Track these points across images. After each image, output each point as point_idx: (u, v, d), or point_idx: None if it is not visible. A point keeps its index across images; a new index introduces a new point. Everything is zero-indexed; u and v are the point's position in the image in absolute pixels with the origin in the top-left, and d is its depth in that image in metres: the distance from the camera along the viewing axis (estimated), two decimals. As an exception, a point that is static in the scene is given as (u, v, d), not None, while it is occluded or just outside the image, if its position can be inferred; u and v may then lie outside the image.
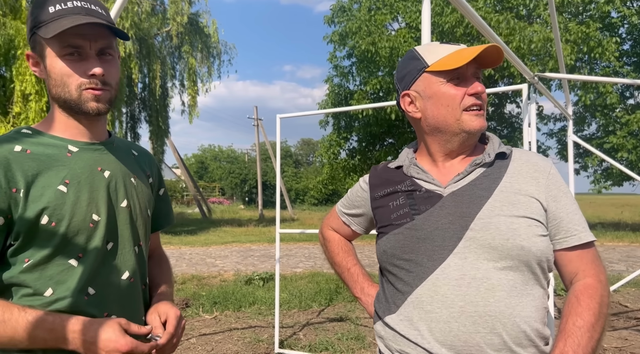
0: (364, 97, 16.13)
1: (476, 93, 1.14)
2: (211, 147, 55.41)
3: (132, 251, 1.20)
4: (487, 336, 1.04)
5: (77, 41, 1.07)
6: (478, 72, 1.17)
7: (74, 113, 1.13)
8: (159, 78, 16.25)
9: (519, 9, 15.14)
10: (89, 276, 1.09)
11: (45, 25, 1.06)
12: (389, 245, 1.19)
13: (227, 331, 5.05)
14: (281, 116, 4.41)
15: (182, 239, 14.71)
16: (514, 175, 1.14)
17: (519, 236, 1.06)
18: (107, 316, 1.12)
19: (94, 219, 1.11)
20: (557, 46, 4.00)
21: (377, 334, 1.25)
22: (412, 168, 1.23)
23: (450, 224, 1.11)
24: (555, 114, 19.72)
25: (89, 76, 1.09)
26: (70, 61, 1.08)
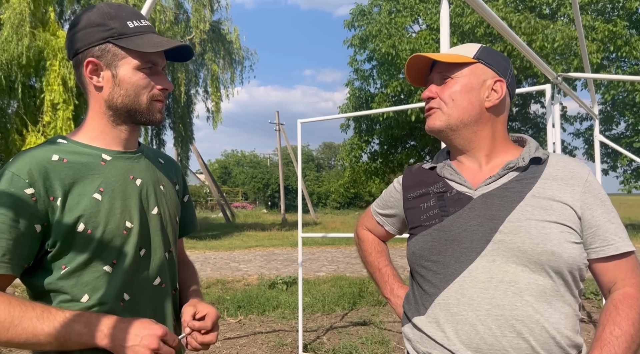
0: (385, 99, 16.09)
1: (422, 98, 1.26)
2: (234, 152, 56.03)
3: (163, 257, 1.23)
4: (513, 340, 1.03)
5: (157, 58, 1.16)
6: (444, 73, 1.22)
7: (125, 122, 1.19)
8: (183, 85, 16.52)
9: (542, 8, 14.91)
10: (123, 282, 1.12)
11: (127, 38, 1.12)
12: (418, 246, 1.19)
13: (251, 335, 5.10)
14: (302, 121, 4.45)
15: (207, 243, 14.88)
16: (549, 181, 1.12)
17: (550, 241, 1.04)
18: None
19: (127, 226, 1.14)
20: (582, 45, 3.94)
21: (405, 337, 1.25)
22: (445, 169, 1.24)
23: (479, 226, 1.10)
24: (581, 114, 19.31)
25: (161, 90, 1.18)
26: (147, 74, 1.16)
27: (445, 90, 1.19)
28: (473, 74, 1.19)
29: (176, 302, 1.30)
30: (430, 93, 1.21)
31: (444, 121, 1.19)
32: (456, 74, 1.19)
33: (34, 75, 12.42)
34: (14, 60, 11.24)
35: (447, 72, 1.20)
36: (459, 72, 1.19)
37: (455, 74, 1.19)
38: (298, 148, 4.56)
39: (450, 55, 1.20)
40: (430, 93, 1.21)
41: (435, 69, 1.23)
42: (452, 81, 1.19)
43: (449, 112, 1.18)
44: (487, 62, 1.19)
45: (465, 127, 1.19)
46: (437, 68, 1.23)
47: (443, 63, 1.21)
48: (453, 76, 1.19)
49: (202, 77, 18.32)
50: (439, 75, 1.22)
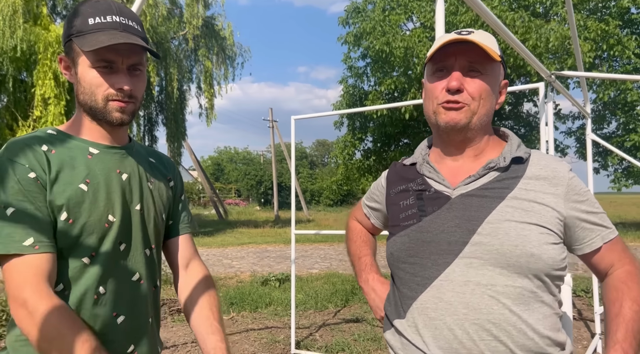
0: (379, 97, 16.09)
1: (449, 89, 1.09)
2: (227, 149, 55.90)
3: (143, 254, 1.23)
4: (491, 343, 1.02)
5: (111, 56, 1.12)
6: (475, 65, 1.10)
7: (97, 120, 1.18)
8: (176, 81, 16.43)
9: (536, 7, 14.96)
10: (100, 275, 1.12)
11: (82, 36, 1.11)
12: (395, 248, 1.17)
13: (244, 332, 5.09)
14: (295, 117, 4.43)
15: (199, 240, 14.84)
16: (530, 181, 1.10)
17: (529, 243, 1.02)
18: (116, 316, 1.16)
19: (109, 220, 1.15)
20: (575, 44, 3.95)
21: (387, 344, 1.23)
22: (424, 166, 1.21)
23: (456, 227, 1.08)
24: (573, 113, 19.43)
25: (117, 89, 1.14)
26: (102, 73, 1.13)
27: (477, 86, 1.10)
28: (496, 73, 1.15)
29: (157, 299, 1.30)
30: (459, 85, 1.09)
31: (469, 118, 1.11)
32: (487, 70, 1.11)
33: (25, 70, 12.30)
34: (5, 53, 11.12)
35: (478, 65, 1.10)
36: (489, 68, 1.12)
37: (486, 70, 1.11)
38: (292, 145, 4.55)
39: (493, 50, 1.08)
40: (460, 85, 1.09)
41: (464, 56, 1.09)
42: (482, 77, 1.10)
43: (476, 110, 1.10)
44: (503, 61, 1.15)
45: (480, 128, 1.14)
46: (467, 56, 1.09)
47: (477, 54, 1.09)
48: (484, 72, 1.11)
49: (196, 73, 18.24)
50: (468, 64, 1.10)
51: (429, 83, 1.17)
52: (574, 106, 4.46)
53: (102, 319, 1.13)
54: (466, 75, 1.10)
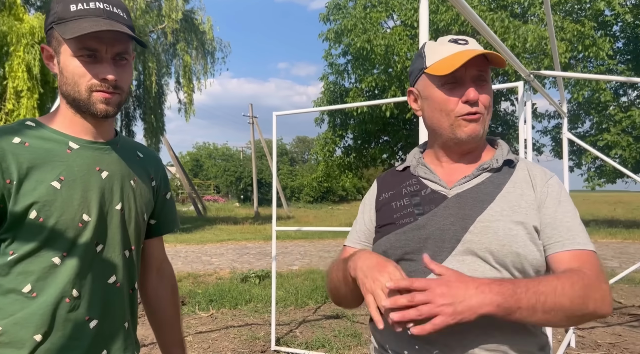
0: (359, 94, 16.13)
1: (468, 101, 1.11)
2: (206, 145, 55.32)
3: (121, 255, 1.18)
4: (480, 336, 1.04)
5: (94, 44, 1.07)
6: (483, 74, 1.13)
7: (80, 112, 1.13)
8: (155, 75, 16.19)
9: (514, 7, 15.18)
10: (72, 277, 1.08)
11: (64, 23, 1.06)
12: (390, 245, 1.17)
13: (223, 329, 5.05)
14: (277, 113, 4.41)
15: (178, 237, 14.68)
16: (517, 182, 1.15)
17: (515, 243, 1.06)
18: (89, 320, 1.11)
19: (83, 219, 1.10)
20: (552, 44, 4.02)
21: (372, 335, 1.24)
22: (419, 168, 1.23)
23: (451, 225, 1.11)
24: (549, 112, 19.84)
25: (101, 79, 1.09)
26: (85, 62, 1.08)
27: (487, 95, 1.13)
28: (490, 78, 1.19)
29: (133, 301, 1.26)
30: (477, 96, 1.10)
31: (483, 127, 1.15)
32: (489, 78, 1.15)
33: (-3, 61, 11.96)
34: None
35: (485, 74, 1.13)
36: (489, 75, 1.16)
37: (488, 78, 1.15)
38: (273, 141, 4.52)
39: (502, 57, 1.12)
40: (477, 96, 1.10)
41: (473, 67, 1.10)
42: (487, 85, 1.14)
43: (486, 119, 1.15)
44: None
45: (485, 134, 1.19)
46: (476, 66, 1.10)
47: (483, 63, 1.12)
48: (488, 80, 1.15)
49: (174, 67, 18.02)
50: (477, 74, 1.12)
51: (439, 96, 1.14)
52: (550, 105, 4.54)
53: (74, 323, 1.09)
54: (476, 84, 1.12)
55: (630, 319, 5.47)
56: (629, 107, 17.57)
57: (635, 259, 9.78)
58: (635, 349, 4.37)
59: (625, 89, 18.99)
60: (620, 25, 18.14)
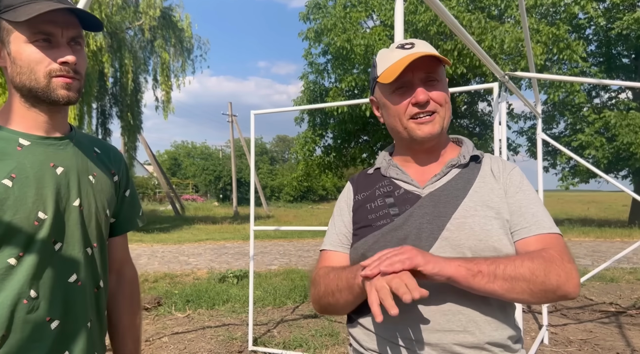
0: (339, 94, 16.16)
1: (417, 103, 1.13)
2: (184, 144, 54.73)
3: (83, 253, 1.14)
4: (460, 334, 1.05)
5: (49, 28, 1.03)
6: (432, 74, 1.15)
7: (37, 103, 1.08)
8: (131, 72, 15.94)
9: (491, 9, 15.40)
10: (29, 278, 1.04)
11: (13, 9, 1.02)
12: (368, 247, 1.17)
13: (200, 330, 5.00)
14: (255, 112, 4.38)
15: (155, 237, 14.49)
16: (486, 176, 1.18)
17: (491, 237, 1.08)
18: (50, 321, 1.07)
19: (39, 217, 1.05)
20: (527, 46, 4.08)
21: (351, 336, 1.24)
22: (391, 169, 1.25)
23: (427, 224, 1.12)
24: (525, 112, 20.19)
25: (59, 64, 1.04)
26: (41, 47, 1.03)
27: (440, 92, 1.16)
28: (445, 75, 1.21)
29: (99, 301, 1.21)
30: (427, 97, 1.13)
31: (441, 125, 1.16)
32: (440, 76, 1.17)
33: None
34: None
35: (434, 73, 1.16)
36: (440, 73, 1.18)
37: (440, 76, 1.17)
38: (251, 141, 4.49)
39: (445, 58, 1.15)
40: (427, 96, 1.13)
41: (420, 69, 1.13)
42: (439, 84, 1.17)
43: (444, 115, 1.17)
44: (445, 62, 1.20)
45: (446, 130, 1.21)
46: (423, 68, 1.14)
47: (430, 64, 1.14)
48: (439, 78, 1.17)
49: (152, 64, 17.76)
50: (425, 75, 1.15)
51: (391, 103, 1.18)
52: (525, 106, 4.62)
53: (34, 324, 1.04)
54: (426, 85, 1.15)
55: (601, 315, 5.60)
56: (601, 109, 18.01)
57: (606, 257, 10.02)
58: (606, 345, 4.48)
59: (598, 91, 19.48)
60: (593, 28, 18.61)
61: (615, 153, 16.96)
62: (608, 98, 19.83)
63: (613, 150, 16.83)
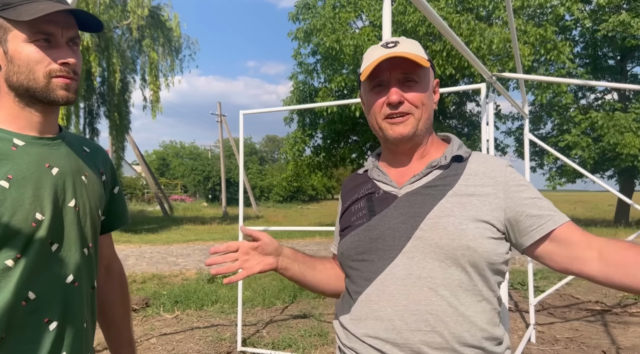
0: (329, 94, 16.15)
1: (390, 103, 1.14)
2: (173, 144, 54.32)
3: (79, 253, 1.14)
4: (428, 334, 1.05)
5: (50, 28, 1.03)
6: (410, 75, 1.15)
7: (32, 103, 1.08)
8: (119, 72, 15.80)
9: (479, 10, 15.51)
10: (27, 279, 1.03)
11: (12, 8, 1.01)
12: (346, 246, 1.20)
13: (188, 331, 4.98)
14: (244, 112, 4.37)
15: (143, 237, 14.38)
16: (470, 177, 1.15)
17: (465, 236, 1.06)
18: (48, 322, 1.07)
19: (37, 218, 1.05)
20: (515, 47, 4.12)
21: (335, 330, 1.27)
22: (374, 171, 1.26)
23: (401, 224, 1.12)
24: (513, 113, 20.36)
25: (60, 64, 1.05)
26: (42, 47, 1.03)
27: (416, 94, 1.15)
28: (428, 76, 1.20)
29: (94, 301, 1.23)
30: (400, 98, 1.13)
31: (415, 127, 1.16)
32: (420, 77, 1.16)
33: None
34: None
35: (413, 74, 1.15)
36: (422, 74, 1.17)
37: (420, 77, 1.16)
38: (240, 140, 4.48)
39: (423, 58, 1.14)
40: (400, 97, 1.13)
41: (397, 69, 1.14)
42: (418, 85, 1.16)
43: (419, 117, 1.16)
44: (431, 62, 1.20)
45: (425, 131, 1.19)
46: (401, 68, 1.14)
47: (409, 64, 1.14)
48: (418, 79, 1.16)
49: (140, 64, 17.61)
50: (402, 76, 1.15)
51: (368, 100, 1.21)
52: (513, 107, 4.66)
53: (33, 326, 1.04)
54: (403, 85, 1.15)
55: (587, 314, 5.67)
56: (588, 109, 18.23)
57: (592, 256, 10.13)
58: (592, 344, 4.54)
59: (584, 92, 19.72)
60: (579, 29, 18.84)
61: (601, 153, 17.18)
62: (594, 99, 20.10)
63: (599, 150, 17.05)
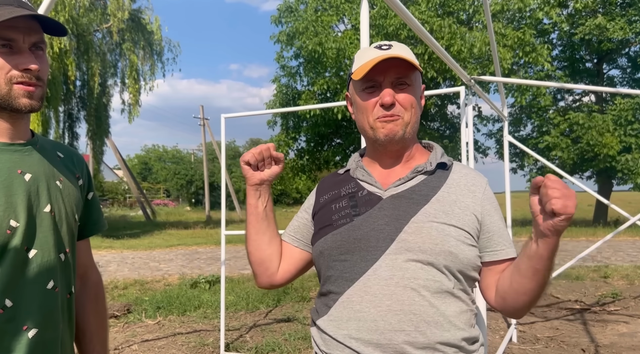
0: (312, 97, 16.18)
1: (383, 104, 1.16)
2: (155, 147, 53.71)
3: (57, 259, 1.12)
4: (411, 334, 1.06)
5: (10, 34, 1.01)
6: (402, 78, 1.17)
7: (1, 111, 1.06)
8: (98, 75, 15.61)
9: (460, 14, 15.71)
10: (4, 287, 1.01)
11: None
12: (327, 246, 1.19)
13: (170, 336, 4.92)
14: (226, 116, 4.35)
15: (125, 243, 14.19)
16: (452, 186, 1.19)
17: (448, 242, 1.10)
18: (27, 329, 1.05)
19: (11, 225, 1.03)
20: (493, 50, 4.18)
21: (312, 338, 1.25)
22: (357, 171, 1.27)
23: (385, 225, 1.13)
24: (494, 115, 20.61)
25: (21, 70, 1.02)
26: (1, 53, 1.01)
27: (407, 97, 1.17)
28: (418, 81, 1.23)
29: (71, 307, 1.20)
30: (392, 99, 1.15)
31: (404, 129, 1.18)
32: (412, 81, 1.19)
33: None
34: None
35: (406, 78, 1.17)
36: (413, 78, 1.20)
37: (412, 81, 1.18)
38: (222, 144, 4.46)
39: (416, 62, 1.17)
40: (392, 99, 1.15)
41: (391, 71, 1.16)
42: (409, 88, 1.18)
43: (409, 120, 1.18)
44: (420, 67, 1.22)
45: (412, 135, 1.22)
46: (395, 70, 1.16)
47: (403, 67, 1.16)
48: (410, 83, 1.18)
49: (120, 67, 17.43)
50: (395, 78, 1.17)
51: (360, 100, 1.21)
52: (491, 109, 4.72)
53: (10, 334, 1.02)
54: (395, 87, 1.17)
55: (566, 313, 5.76)
56: (566, 111, 18.56)
57: (572, 256, 10.30)
58: (571, 342, 4.61)
59: (563, 94, 20.08)
60: (557, 33, 19.18)
61: (580, 154, 17.49)
62: (572, 101, 20.47)
63: (578, 151, 17.36)
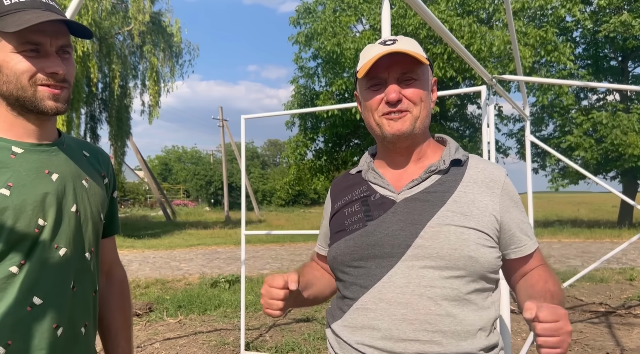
0: (330, 97, 16.18)
1: (389, 101, 1.13)
2: (175, 148, 54.40)
3: (83, 258, 1.15)
4: (426, 344, 1.03)
5: (38, 38, 1.02)
6: (408, 73, 1.14)
7: (24, 113, 1.07)
8: (120, 78, 15.86)
9: (479, 13, 15.54)
10: (32, 285, 1.03)
11: (1, 18, 1.00)
12: (340, 251, 1.17)
13: (192, 335, 4.97)
14: (245, 117, 4.38)
15: (146, 242, 14.39)
16: (469, 185, 1.14)
17: (467, 246, 1.06)
18: (56, 327, 1.07)
19: (39, 224, 1.05)
20: (515, 49, 4.12)
21: (327, 340, 1.24)
22: (369, 173, 1.23)
23: (400, 231, 1.09)
24: (515, 115, 20.34)
25: (47, 74, 1.04)
26: (29, 57, 1.02)
27: (415, 91, 1.14)
28: (427, 75, 1.19)
29: (96, 305, 1.22)
30: (398, 96, 1.12)
31: (413, 124, 1.14)
32: (419, 75, 1.15)
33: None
34: None
35: (412, 73, 1.14)
36: (421, 72, 1.16)
37: (418, 75, 1.15)
38: (242, 145, 4.49)
39: (422, 56, 1.13)
40: (398, 95, 1.12)
41: (396, 67, 1.13)
42: (417, 83, 1.14)
43: (418, 115, 1.14)
44: (430, 61, 1.19)
45: (423, 131, 1.18)
46: (399, 66, 1.13)
47: (408, 62, 1.13)
48: (417, 77, 1.15)
49: (141, 69, 17.67)
50: (401, 74, 1.13)
51: (365, 98, 1.19)
52: (513, 109, 4.66)
53: (41, 332, 1.03)
54: (401, 83, 1.14)
55: (591, 316, 5.65)
56: (589, 110, 18.20)
57: (596, 257, 10.10)
58: (596, 345, 4.52)
59: (586, 93, 19.70)
60: (580, 31, 18.83)
61: (604, 154, 17.13)
62: (596, 100, 20.07)
63: (602, 151, 17.00)
